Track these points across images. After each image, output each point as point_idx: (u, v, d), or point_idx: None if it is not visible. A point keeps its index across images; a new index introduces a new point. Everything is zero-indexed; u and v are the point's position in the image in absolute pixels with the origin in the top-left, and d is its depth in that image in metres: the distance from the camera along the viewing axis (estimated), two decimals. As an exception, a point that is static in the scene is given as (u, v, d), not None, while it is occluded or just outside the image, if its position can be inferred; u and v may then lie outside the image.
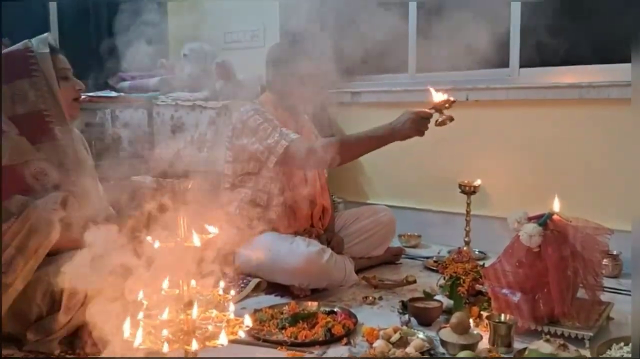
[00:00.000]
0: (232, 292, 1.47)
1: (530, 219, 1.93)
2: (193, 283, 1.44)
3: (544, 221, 1.90)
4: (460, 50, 2.97)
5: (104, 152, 3.31)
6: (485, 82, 2.92)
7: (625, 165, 2.57)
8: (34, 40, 1.92)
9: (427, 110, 2.11)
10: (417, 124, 2.12)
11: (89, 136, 3.24)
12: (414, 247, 3.06)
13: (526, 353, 1.46)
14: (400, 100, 3.18)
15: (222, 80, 3.47)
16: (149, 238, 1.38)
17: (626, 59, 2.62)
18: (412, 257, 2.86)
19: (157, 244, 1.33)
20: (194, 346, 1.31)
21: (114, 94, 3.30)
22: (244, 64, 3.65)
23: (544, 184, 2.70)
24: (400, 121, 2.15)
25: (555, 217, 1.94)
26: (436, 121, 2.10)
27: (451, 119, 2.09)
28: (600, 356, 1.57)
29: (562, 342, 1.40)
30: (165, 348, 1.29)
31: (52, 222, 1.73)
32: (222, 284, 1.49)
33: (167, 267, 1.43)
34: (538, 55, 2.84)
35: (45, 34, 1.96)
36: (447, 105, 2.09)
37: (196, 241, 1.34)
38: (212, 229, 1.39)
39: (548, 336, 1.49)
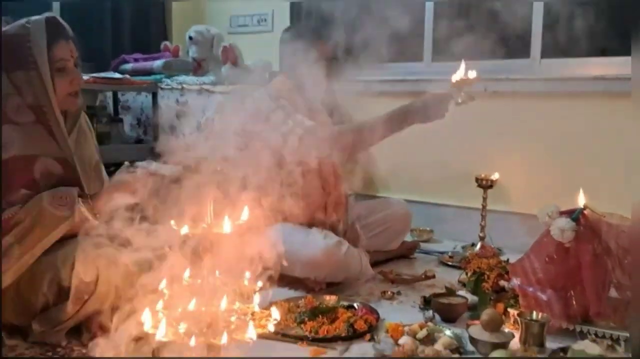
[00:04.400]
0: (259, 283, 1.37)
1: (562, 214, 1.85)
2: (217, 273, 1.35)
3: (577, 215, 1.82)
4: (478, 39, 2.89)
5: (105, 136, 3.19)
6: (505, 72, 2.82)
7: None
8: (32, 24, 1.72)
9: (445, 92, 2.10)
10: (439, 106, 2.11)
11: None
12: (426, 241, 2.97)
13: (569, 353, 1.37)
14: (415, 89, 3.08)
15: (229, 64, 3.36)
16: (172, 222, 1.28)
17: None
18: (427, 252, 2.77)
19: (184, 230, 1.23)
20: (224, 339, 1.22)
21: (117, 75, 3.17)
22: (250, 49, 3.55)
23: (565, 180, 2.61)
24: (419, 103, 2.14)
25: (587, 212, 1.86)
26: (457, 101, 2.10)
27: (472, 98, 2.09)
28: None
29: (610, 343, 1.32)
30: (192, 342, 1.19)
31: (57, 219, 1.63)
32: (247, 274, 1.39)
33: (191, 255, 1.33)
34: (561, 45, 2.75)
35: (43, 15, 1.75)
36: (467, 82, 2.08)
37: (227, 227, 1.24)
38: (244, 215, 1.29)
39: (594, 337, 1.41)
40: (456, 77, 2.09)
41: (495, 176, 2.70)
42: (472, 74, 2.12)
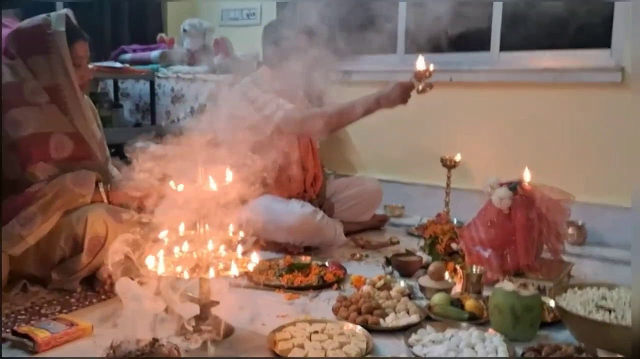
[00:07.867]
0: (242, 233, 1.68)
1: (502, 185, 2.17)
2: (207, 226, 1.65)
3: (514, 186, 2.14)
4: (446, 33, 3.19)
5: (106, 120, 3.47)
6: (468, 64, 3.14)
7: (594, 143, 2.83)
8: (52, 17, 2.01)
9: (408, 80, 2.36)
10: (401, 93, 2.38)
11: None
12: (397, 217, 3.28)
13: (491, 292, 1.70)
14: (389, 79, 3.37)
15: (220, 55, 3.65)
16: (171, 183, 1.59)
17: (597, 45, 2.87)
18: (396, 225, 3.09)
19: (180, 188, 1.54)
20: (211, 274, 1.53)
21: (118, 64, 3.46)
22: (240, 42, 3.84)
23: (519, 160, 2.90)
24: (386, 90, 2.41)
25: (524, 184, 2.17)
26: (417, 89, 2.34)
27: (431, 86, 2.32)
28: (557, 296, 1.81)
29: (523, 282, 1.64)
30: (186, 275, 1.51)
31: (75, 195, 1.95)
32: (231, 227, 1.70)
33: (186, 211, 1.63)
34: (518, 39, 3.06)
35: (64, 11, 2.06)
36: (427, 74, 2.31)
37: (212, 185, 1.55)
38: (228, 177, 1.59)
39: (511, 278, 1.73)
40: (418, 67, 2.35)
41: (458, 157, 3.02)
42: (431, 66, 2.37)
